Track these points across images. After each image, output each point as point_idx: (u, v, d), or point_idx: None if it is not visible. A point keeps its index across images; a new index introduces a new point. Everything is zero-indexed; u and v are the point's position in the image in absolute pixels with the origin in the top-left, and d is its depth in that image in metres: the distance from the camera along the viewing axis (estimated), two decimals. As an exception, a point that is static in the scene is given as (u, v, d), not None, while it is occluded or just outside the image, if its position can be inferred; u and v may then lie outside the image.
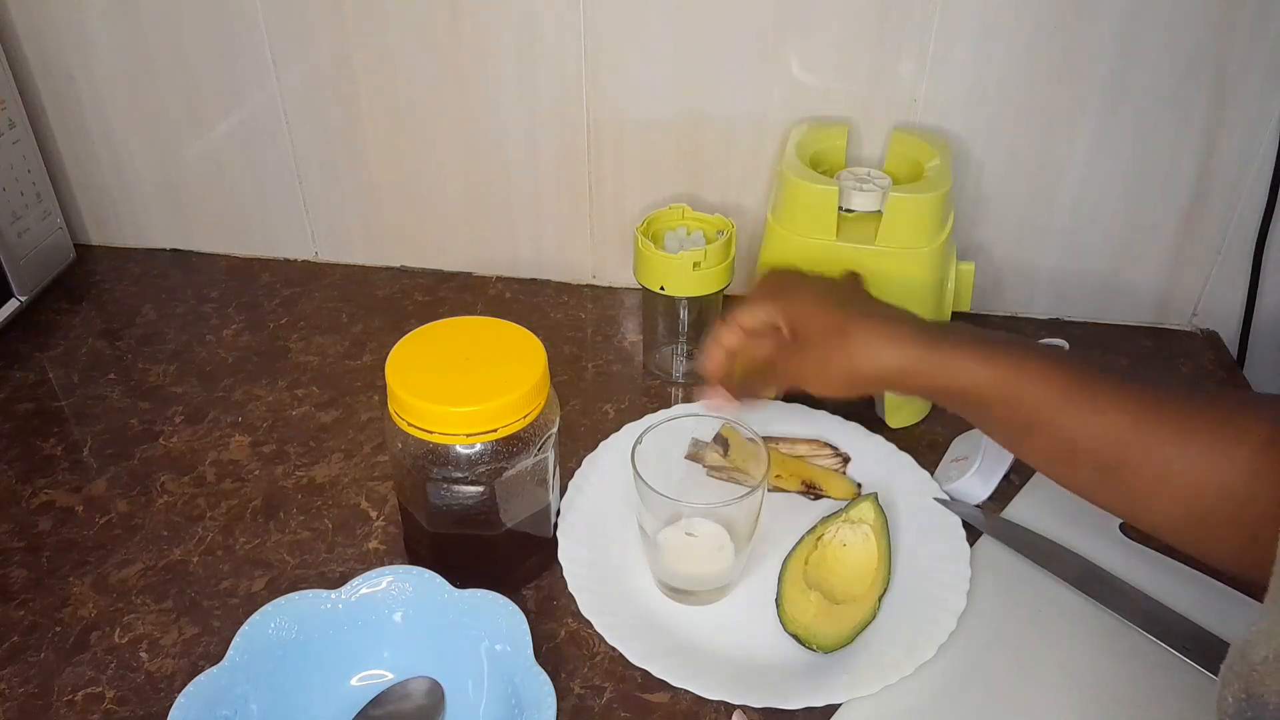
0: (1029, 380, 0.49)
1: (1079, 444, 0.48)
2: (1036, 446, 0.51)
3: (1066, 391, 0.49)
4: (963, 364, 0.51)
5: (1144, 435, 0.47)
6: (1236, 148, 0.76)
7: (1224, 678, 0.35)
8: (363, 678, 0.55)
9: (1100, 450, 0.48)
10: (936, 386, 0.52)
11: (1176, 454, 0.46)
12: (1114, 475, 0.48)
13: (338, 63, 0.83)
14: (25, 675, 0.57)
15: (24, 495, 0.69)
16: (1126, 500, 0.49)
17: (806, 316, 0.56)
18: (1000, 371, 0.50)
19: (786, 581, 0.61)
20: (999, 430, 0.53)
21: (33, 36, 0.85)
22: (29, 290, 0.84)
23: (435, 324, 0.59)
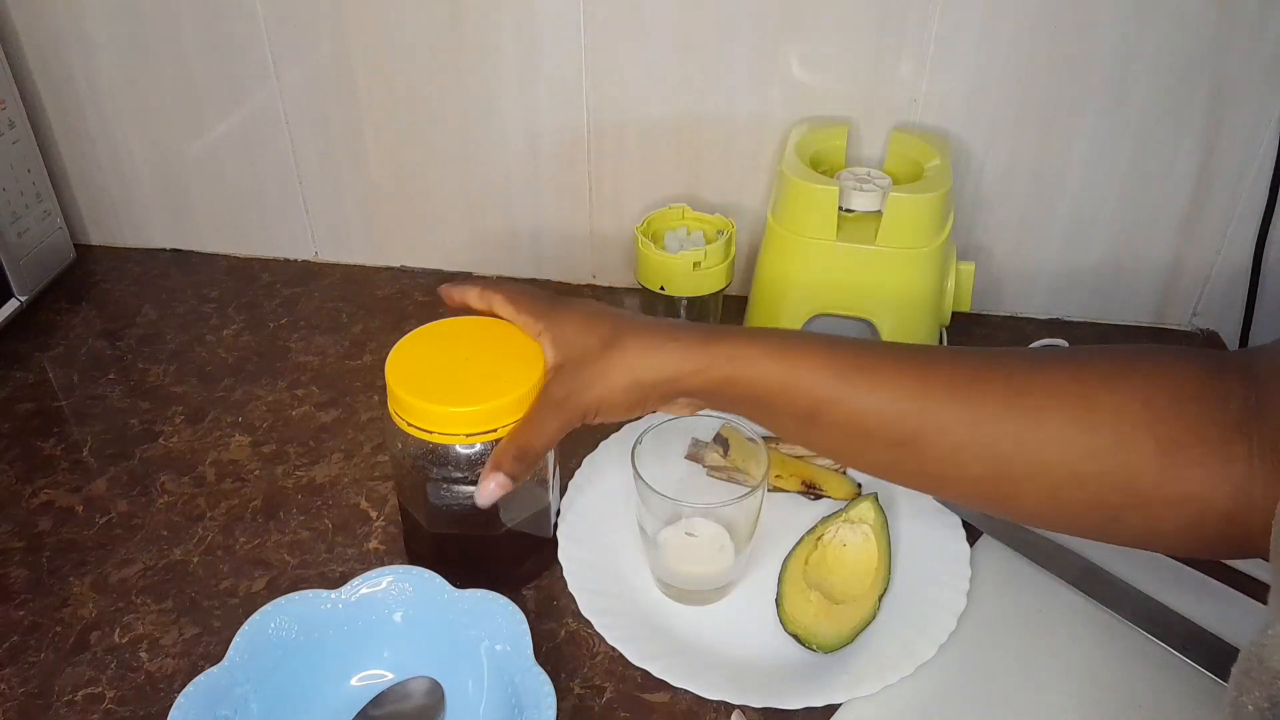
0: (806, 366, 0.48)
1: (867, 424, 0.47)
2: (825, 433, 0.49)
3: (844, 372, 0.48)
4: (741, 356, 0.49)
5: (935, 407, 0.46)
6: (1236, 148, 0.76)
7: (1239, 684, 0.34)
8: (363, 678, 0.55)
9: (889, 426, 0.47)
10: (717, 383, 0.50)
11: (969, 423, 0.45)
12: (910, 451, 0.47)
13: (338, 63, 0.83)
14: (25, 675, 0.57)
15: (24, 495, 0.69)
16: (926, 476, 0.49)
17: (576, 332, 0.53)
18: (776, 360, 0.49)
19: (786, 581, 0.61)
20: (786, 423, 0.51)
21: (33, 36, 0.85)
22: (29, 290, 0.84)
23: (435, 324, 0.58)
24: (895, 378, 0.47)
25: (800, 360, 0.49)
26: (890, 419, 0.47)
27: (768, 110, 0.79)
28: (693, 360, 0.50)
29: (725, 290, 0.77)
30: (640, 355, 0.50)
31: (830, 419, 0.48)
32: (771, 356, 0.49)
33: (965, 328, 0.83)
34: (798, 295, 0.72)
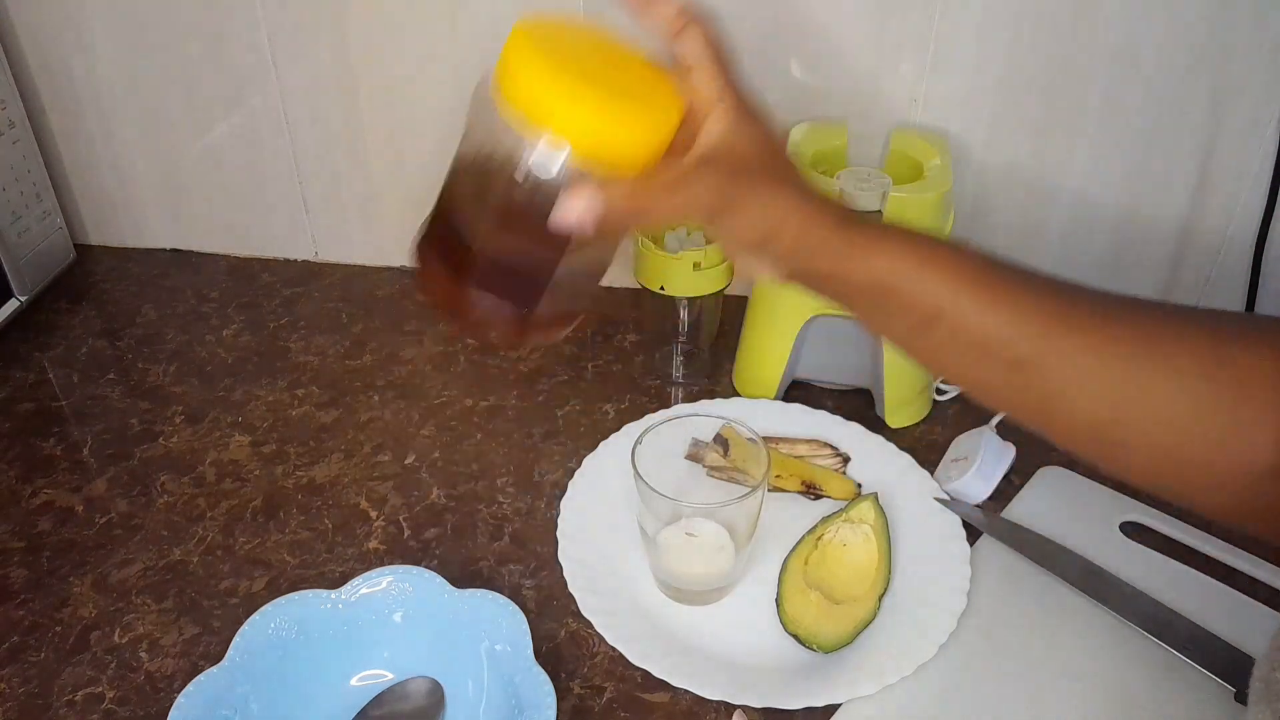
0: (935, 268, 0.45)
1: (987, 339, 0.44)
2: (941, 344, 0.46)
3: (974, 280, 0.45)
4: (873, 246, 0.46)
5: (1062, 333, 0.44)
6: (1236, 148, 0.76)
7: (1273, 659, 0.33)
8: (363, 678, 0.55)
9: (1009, 346, 0.44)
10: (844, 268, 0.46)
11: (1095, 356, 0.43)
12: (1027, 376, 0.44)
13: (338, 63, 0.83)
14: (25, 675, 0.57)
15: (24, 495, 0.69)
16: (1038, 408, 0.46)
17: (760, 139, 0.47)
18: (906, 257, 0.45)
19: (786, 581, 0.61)
20: (901, 326, 0.47)
21: (33, 36, 0.85)
22: (29, 290, 0.84)
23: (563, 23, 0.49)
24: (1025, 296, 0.45)
25: (933, 259, 0.45)
26: (1012, 338, 0.44)
27: (768, 110, 0.79)
28: (831, 236, 0.46)
29: (725, 290, 0.77)
30: (795, 208, 0.46)
31: (949, 328, 0.45)
32: (904, 251, 0.45)
33: (965, 328, 0.83)
34: (798, 295, 0.72)
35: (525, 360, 0.82)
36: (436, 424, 0.75)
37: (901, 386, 0.73)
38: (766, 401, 0.75)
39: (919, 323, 0.46)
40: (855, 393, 0.77)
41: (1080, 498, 0.67)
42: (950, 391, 0.77)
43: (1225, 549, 0.63)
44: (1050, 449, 0.72)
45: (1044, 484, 0.68)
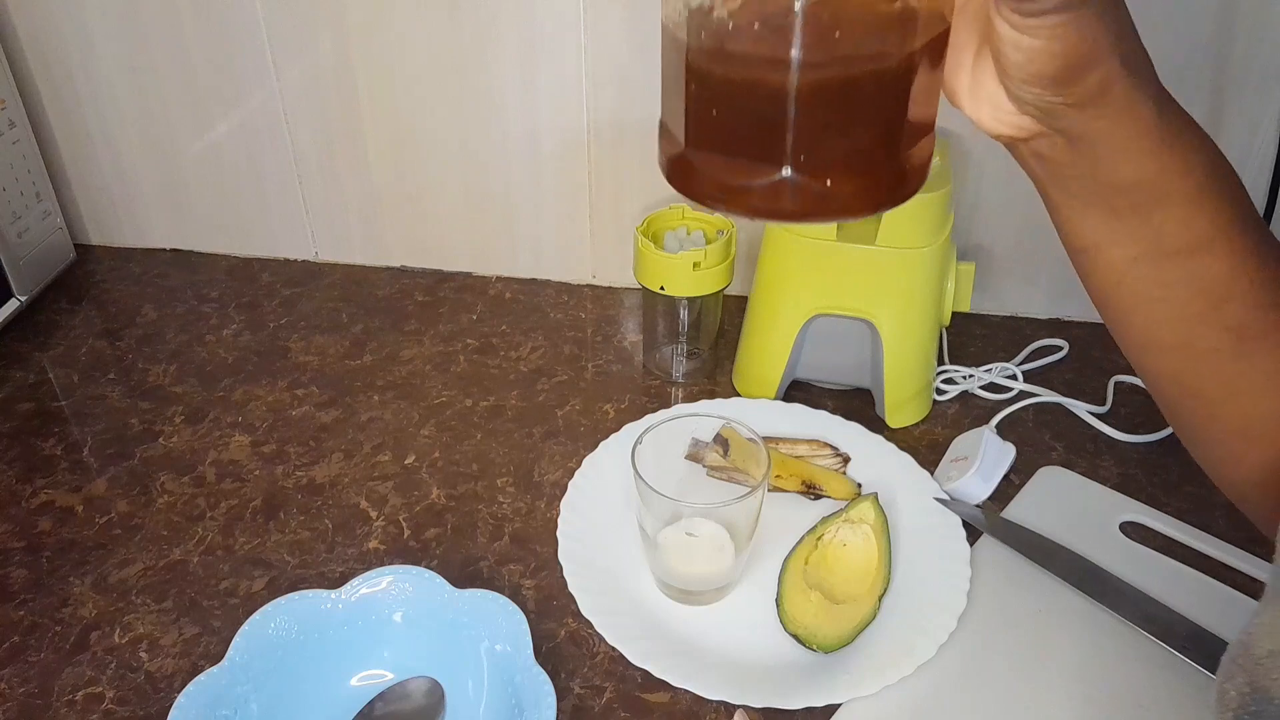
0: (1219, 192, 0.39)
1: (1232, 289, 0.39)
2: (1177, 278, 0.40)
3: (1242, 219, 0.39)
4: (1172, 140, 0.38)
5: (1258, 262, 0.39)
6: (1236, 148, 0.76)
7: (1225, 671, 0.34)
8: (363, 678, 0.55)
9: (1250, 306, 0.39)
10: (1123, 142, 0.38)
11: None
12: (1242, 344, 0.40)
13: (338, 63, 0.83)
14: (25, 675, 0.57)
15: (24, 495, 0.69)
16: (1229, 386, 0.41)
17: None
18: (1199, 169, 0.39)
19: (786, 581, 0.61)
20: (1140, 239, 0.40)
21: (33, 36, 0.85)
22: (29, 290, 0.84)
23: None
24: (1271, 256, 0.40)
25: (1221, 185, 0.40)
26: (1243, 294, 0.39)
27: (768, 110, 0.79)
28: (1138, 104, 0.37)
29: (725, 290, 0.77)
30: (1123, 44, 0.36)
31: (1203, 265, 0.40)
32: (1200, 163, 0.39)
33: (965, 328, 0.83)
34: (798, 295, 0.72)
35: (525, 360, 0.82)
36: (436, 424, 0.75)
37: (901, 386, 0.73)
38: (766, 401, 0.75)
39: (1169, 250, 0.39)
40: (855, 393, 0.77)
41: (1080, 498, 0.67)
42: (950, 391, 0.77)
43: (1225, 549, 0.63)
44: (1050, 449, 0.72)
45: (1044, 484, 0.68)
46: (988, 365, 0.79)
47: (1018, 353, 0.81)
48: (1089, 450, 0.72)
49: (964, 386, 0.78)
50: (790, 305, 0.73)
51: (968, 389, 0.78)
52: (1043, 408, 0.76)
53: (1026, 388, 0.77)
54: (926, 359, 0.74)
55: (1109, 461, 0.71)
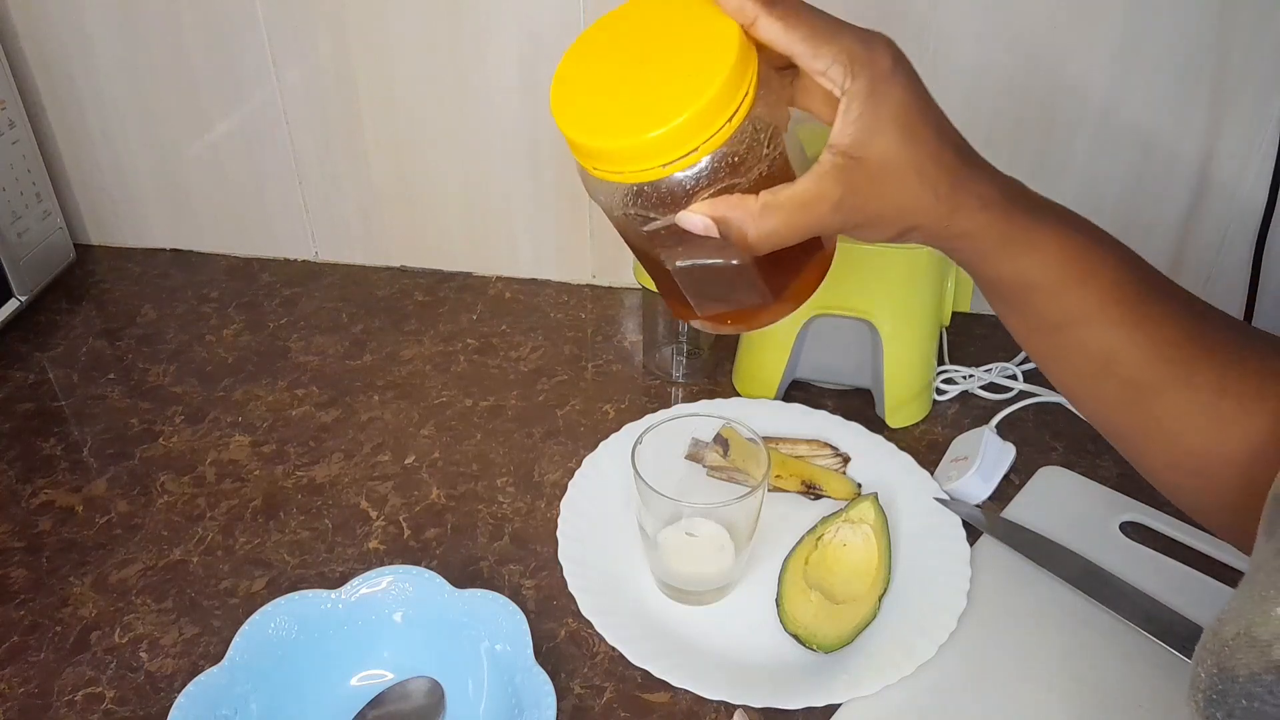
0: (1082, 276, 0.43)
1: (1114, 356, 0.43)
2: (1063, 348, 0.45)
3: (1118, 296, 0.43)
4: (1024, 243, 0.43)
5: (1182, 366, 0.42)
6: (1236, 148, 0.76)
7: (1197, 656, 0.35)
8: (363, 678, 0.55)
9: (1132, 366, 0.43)
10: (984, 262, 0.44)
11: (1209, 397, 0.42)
12: (1136, 396, 0.43)
13: (338, 63, 0.83)
14: (25, 675, 0.57)
15: (24, 495, 0.69)
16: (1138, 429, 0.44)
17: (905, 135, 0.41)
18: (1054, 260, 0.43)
19: (786, 581, 0.61)
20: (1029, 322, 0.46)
21: (33, 36, 0.85)
22: (29, 290, 0.84)
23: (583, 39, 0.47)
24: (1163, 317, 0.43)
25: (1078, 268, 0.43)
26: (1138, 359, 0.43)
27: (768, 110, 0.79)
28: (981, 227, 0.42)
29: (725, 290, 0.77)
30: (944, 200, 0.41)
31: (1079, 336, 0.44)
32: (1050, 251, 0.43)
33: (965, 327, 0.83)
34: (798, 295, 0.72)
35: (525, 360, 0.82)
36: (436, 424, 0.75)
37: (901, 386, 0.73)
38: (766, 401, 0.75)
39: (1050, 326, 0.45)
40: (855, 393, 0.77)
41: (1080, 498, 0.67)
42: (950, 391, 0.77)
43: (1225, 549, 0.63)
44: (1050, 449, 0.72)
45: (1044, 484, 0.68)
46: (988, 365, 0.79)
47: (1018, 352, 0.80)
48: (1089, 450, 0.72)
49: (964, 386, 0.78)
50: (790, 305, 0.73)
51: (968, 389, 0.78)
52: (1043, 408, 0.76)
53: (1026, 388, 0.77)
54: (926, 359, 0.74)
55: (1109, 461, 0.71)
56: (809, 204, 0.41)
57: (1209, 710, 0.33)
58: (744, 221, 0.40)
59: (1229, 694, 0.32)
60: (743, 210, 0.40)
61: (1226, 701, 0.32)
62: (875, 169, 0.41)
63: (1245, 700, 0.32)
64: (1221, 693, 0.33)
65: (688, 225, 0.41)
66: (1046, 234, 0.43)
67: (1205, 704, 0.33)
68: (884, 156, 0.41)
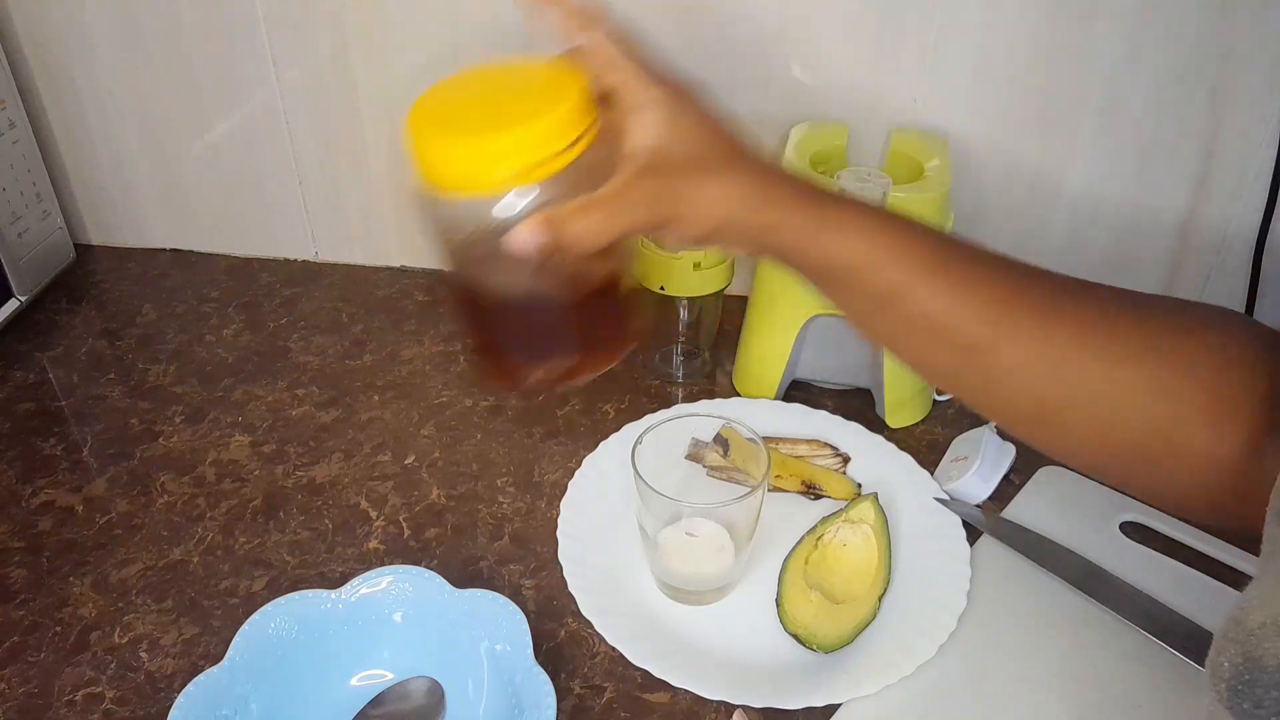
0: (895, 250, 0.46)
1: (940, 321, 0.45)
2: (896, 324, 0.47)
3: (930, 263, 0.46)
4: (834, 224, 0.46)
5: (1011, 319, 0.45)
6: (1236, 148, 0.76)
7: (1217, 646, 0.35)
8: (363, 678, 0.55)
9: (961, 329, 0.45)
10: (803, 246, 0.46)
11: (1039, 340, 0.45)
12: (975, 359, 0.46)
13: (338, 63, 0.83)
14: (25, 675, 0.57)
15: (24, 495, 0.69)
16: (985, 390, 0.47)
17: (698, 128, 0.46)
18: (867, 237, 0.46)
19: (786, 581, 0.61)
20: (859, 304, 0.48)
21: (33, 36, 0.85)
22: (29, 290, 0.84)
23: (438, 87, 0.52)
24: (978, 280, 0.46)
25: (891, 242, 0.46)
26: (964, 321, 0.45)
27: (768, 110, 0.79)
28: (789, 216, 0.45)
29: (725, 290, 0.77)
30: (749, 190, 0.45)
31: (904, 310, 0.46)
32: (862, 232, 0.46)
33: (965, 328, 0.83)
34: (798, 295, 0.72)
35: (525, 360, 0.82)
36: (436, 424, 0.75)
37: (901, 386, 0.73)
38: (766, 401, 0.75)
39: (874, 304, 0.47)
40: (855, 393, 0.77)
41: (1080, 498, 0.67)
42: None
43: (1225, 549, 0.63)
44: (1050, 449, 0.72)
45: (1044, 484, 0.68)
46: (988, 365, 0.79)
47: (1018, 353, 0.80)
48: (1089, 450, 0.72)
49: (964, 386, 0.78)
50: (790, 305, 0.73)
51: (968, 389, 0.78)
52: (1043, 408, 0.76)
53: (1026, 388, 0.77)
54: (926, 359, 0.74)
55: (1109, 461, 0.71)
56: (621, 197, 0.44)
57: (1234, 701, 0.33)
58: (564, 220, 0.44)
59: (1257, 684, 0.32)
60: (562, 211, 0.44)
61: (1254, 692, 0.32)
62: (681, 163, 0.45)
63: (1276, 691, 0.31)
64: (1249, 683, 0.32)
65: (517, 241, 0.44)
66: (855, 217, 0.46)
67: (1230, 694, 0.33)
68: (688, 151, 0.45)
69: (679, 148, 0.45)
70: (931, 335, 0.46)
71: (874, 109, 0.78)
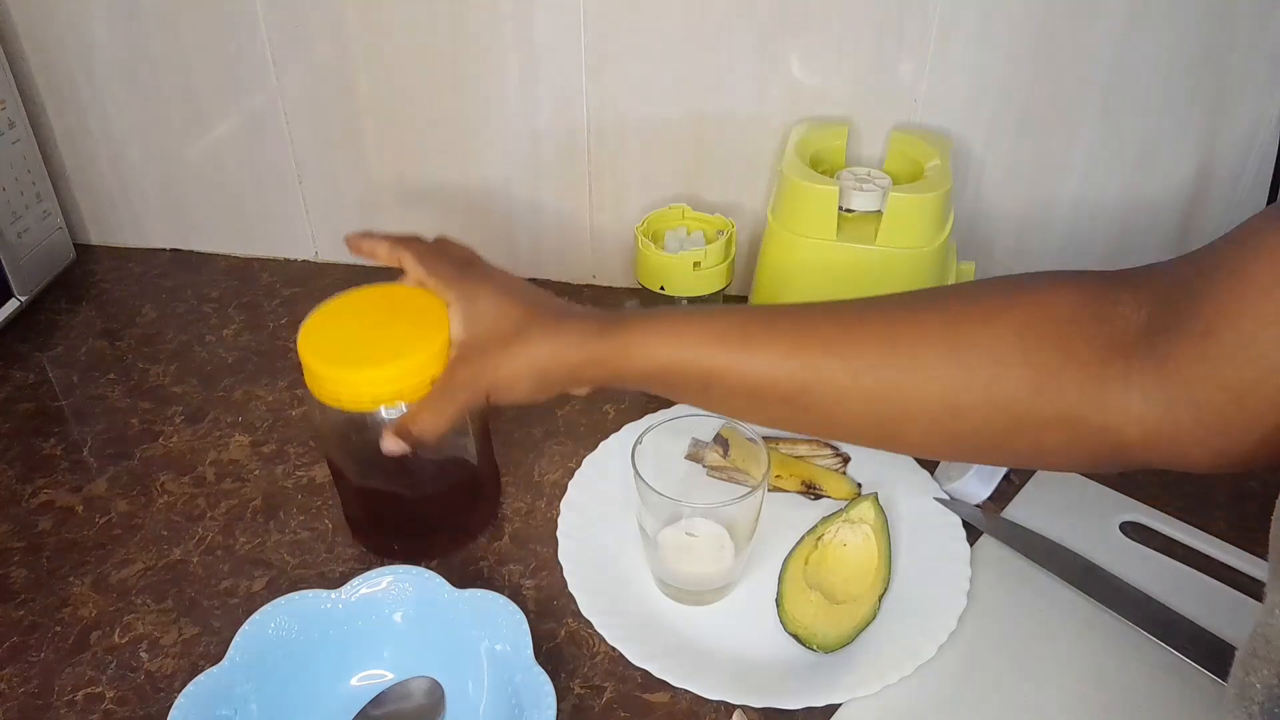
0: (694, 344, 0.51)
1: (757, 385, 0.51)
2: (722, 399, 0.53)
3: (729, 343, 0.51)
4: (634, 345, 0.52)
5: (815, 362, 0.49)
6: (1236, 148, 0.76)
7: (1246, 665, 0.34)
8: (363, 678, 0.55)
9: (777, 385, 0.50)
10: (614, 372, 0.53)
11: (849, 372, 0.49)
12: (799, 404, 0.50)
13: (338, 63, 0.83)
14: (25, 675, 0.57)
15: (24, 495, 0.69)
16: (818, 425, 0.52)
17: (486, 311, 0.55)
18: (666, 343, 0.52)
19: (786, 581, 0.61)
20: (685, 395, 0.54)
21: (33, 36, 0.85)
22: (29, 290, 0.84)
23: (340, 297, 0.59)
24: (776, 340, 0.51)
25: (688, 339, 0.52)
26: (777, 378, 0.50)
27: (768, 110, 0.79)
28: (591, 351, 0.52)
29: (725, 290, 0.77)
30: (546, 345, 0.53)
31: (724, 386, 0.52)
32: (661, 340, 0.52)
33: (965, 328, 0.83)
34: (797, 295, 0.72)
35: (525, 360, 0.82)
36: (436, 424, 0.75)
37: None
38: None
39: (699, 389, 0.53)
40: (855, 393, 0.77)
41: (1080, 498, 0.67)
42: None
43: (1225, 549, 0.63)
44: (1050, 449, 0.72)
45: (1044, 484, 0.68)
46: (988, 365, 0.79)
47: (1018, 353, 0.80)
48: (1089, 450, 0.72)
49: (964, 386, 0.77)
50: (790, 305, 0.73)
51: (968, 389, 0.77)
52: (1043, 408, 0.76)
53: (1026, 388, 0.77)
54: (926, 359, 0.74)
55: (1109, 461, 0.71)
56: (446, 387, 0.54)
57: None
58: (411, 421, 0.53)
59: None
60: (407, 416, 0.54)
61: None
62: (484, 345, 0.54)
63: None
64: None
65: (385, 447, 0.54)
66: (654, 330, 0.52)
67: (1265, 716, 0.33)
68: (486, 333, 0.54)
69: (479, 333, 0.54)
70: (757, 398, 0.51)
71: (874, 109, 0.78)
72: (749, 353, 0.51)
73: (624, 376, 0.53)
